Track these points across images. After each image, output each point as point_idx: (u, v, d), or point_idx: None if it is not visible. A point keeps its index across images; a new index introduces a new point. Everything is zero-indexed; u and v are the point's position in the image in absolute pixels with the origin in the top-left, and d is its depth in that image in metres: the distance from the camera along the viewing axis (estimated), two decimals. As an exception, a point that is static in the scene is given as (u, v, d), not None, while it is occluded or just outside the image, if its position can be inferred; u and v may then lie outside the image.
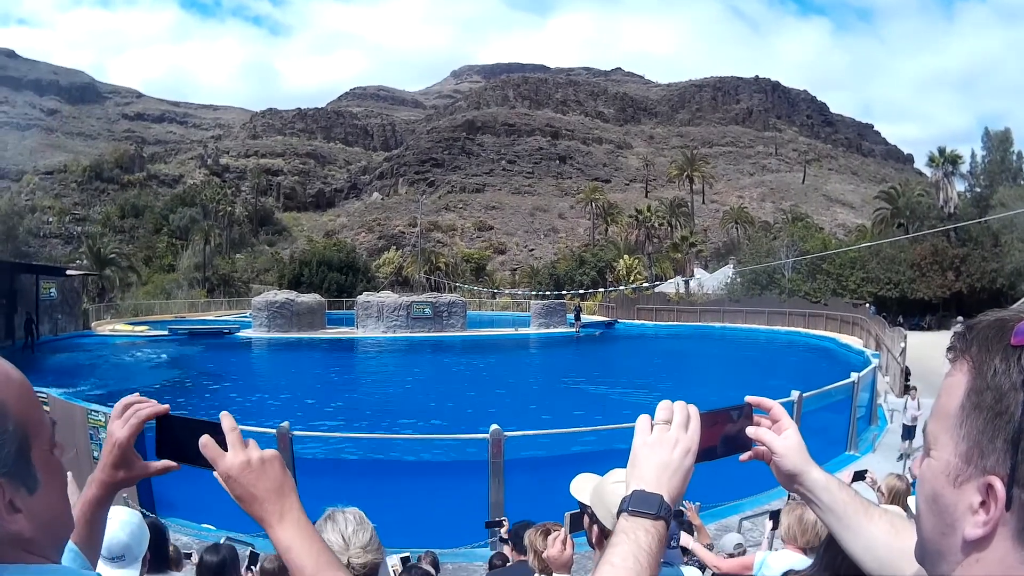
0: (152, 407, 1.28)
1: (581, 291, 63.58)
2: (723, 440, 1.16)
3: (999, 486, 0.69)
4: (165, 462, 1.28)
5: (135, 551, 2.68)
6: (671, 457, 1.04)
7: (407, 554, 4.19)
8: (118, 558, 2.63)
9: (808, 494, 1.16)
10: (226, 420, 1.21)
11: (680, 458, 1.04)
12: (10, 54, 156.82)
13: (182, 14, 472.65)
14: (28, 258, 59.57)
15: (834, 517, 1.12)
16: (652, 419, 1.10)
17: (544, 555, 3.31)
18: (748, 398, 1.21)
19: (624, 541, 0.98)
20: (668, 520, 1.01)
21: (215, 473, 1.19)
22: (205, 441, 1.18)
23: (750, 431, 1.16)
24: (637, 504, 1.01)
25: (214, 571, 3.55)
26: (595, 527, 2.24)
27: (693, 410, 1.10)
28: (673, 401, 1.11)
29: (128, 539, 2.65)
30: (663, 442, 1.05)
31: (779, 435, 1.17)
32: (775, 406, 1.22)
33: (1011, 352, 0.71)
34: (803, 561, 3.24)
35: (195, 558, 4.29)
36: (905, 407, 13.74)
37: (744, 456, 1.18)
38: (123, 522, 2.70)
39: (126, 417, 1.28)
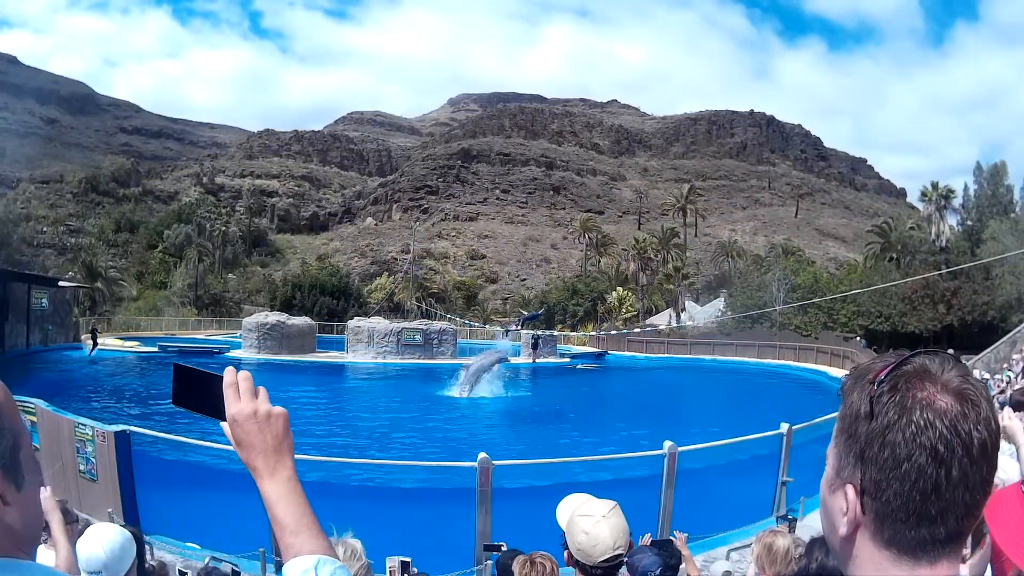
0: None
1: (571, 322, 63.71)
2: None
3: (851, 493, 0.88)
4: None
5: (114, 568, 2.68)
6: None
7: (409, 559, 4.20)
8: (95, 573, 2.64)
9: None
10: (241, 374, 1.30)
11: None
12: (12, 60, 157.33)
13: (182, 30, 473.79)
14: (21, 267, 59.20)
15: None
16: None
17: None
18: None
19: None
20: None
21: (223, 424, 1.27)
22: (230, 381, 1.27)
23: None
24: None
25: None
26: (567, 551, 2.55)
27: None
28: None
29: (106, 556, 2.66)
30: None
31: None
32: None
33: (866, 387, 0.90)
34: None
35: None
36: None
37: None
38: (103, 539, 2.70)
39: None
